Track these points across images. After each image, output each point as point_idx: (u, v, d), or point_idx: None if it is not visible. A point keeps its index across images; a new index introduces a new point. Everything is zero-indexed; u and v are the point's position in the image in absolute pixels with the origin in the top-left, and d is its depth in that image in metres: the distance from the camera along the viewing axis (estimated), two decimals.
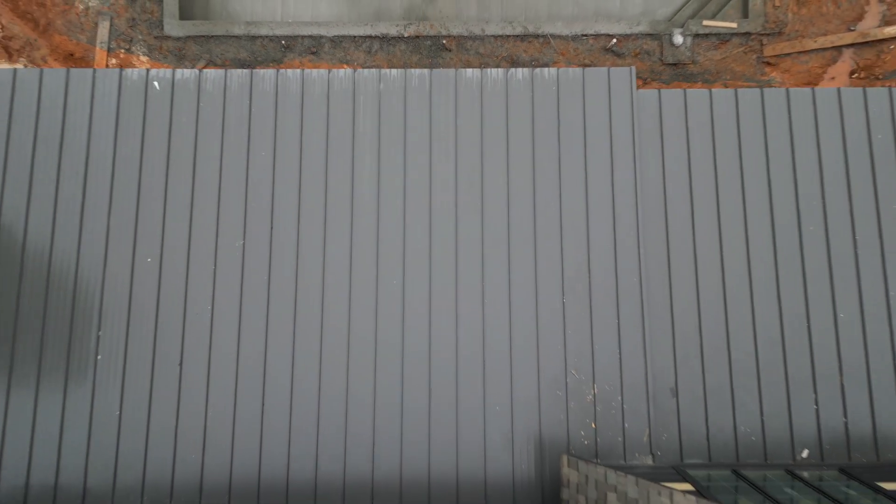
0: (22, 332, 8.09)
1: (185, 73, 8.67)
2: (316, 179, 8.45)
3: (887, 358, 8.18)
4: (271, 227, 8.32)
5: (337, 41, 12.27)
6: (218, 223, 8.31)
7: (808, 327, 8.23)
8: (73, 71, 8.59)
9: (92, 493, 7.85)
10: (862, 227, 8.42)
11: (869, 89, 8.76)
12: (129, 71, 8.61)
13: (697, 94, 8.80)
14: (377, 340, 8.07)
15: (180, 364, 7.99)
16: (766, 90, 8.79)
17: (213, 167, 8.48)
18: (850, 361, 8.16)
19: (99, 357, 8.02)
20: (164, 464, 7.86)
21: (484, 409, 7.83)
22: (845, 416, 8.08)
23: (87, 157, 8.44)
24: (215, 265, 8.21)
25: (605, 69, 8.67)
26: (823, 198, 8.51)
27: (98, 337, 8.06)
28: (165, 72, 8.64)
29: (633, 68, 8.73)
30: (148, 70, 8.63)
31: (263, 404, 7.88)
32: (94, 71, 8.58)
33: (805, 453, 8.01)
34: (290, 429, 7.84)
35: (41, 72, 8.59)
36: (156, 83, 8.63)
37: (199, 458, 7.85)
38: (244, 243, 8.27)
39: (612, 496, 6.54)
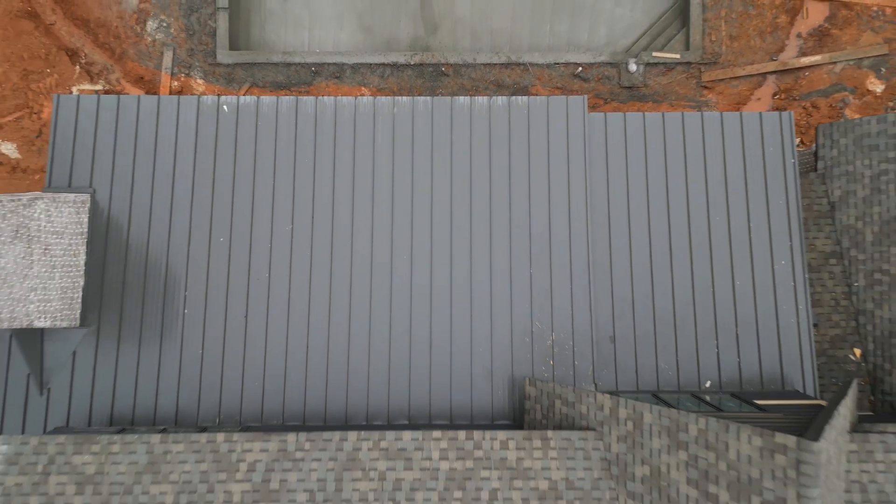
0: (127, 296, 10.89)
1: (247, 99, 11.48)
2: (345, 180, 11.26)
3: (771, 315, 11.00)
4: (312, 216, 11.13)
5: (356, 67, 15.09)
6: (273, 212, 11.12)
7: (713, 292, 11.05)
8: (163, 98, 11.39)
9: (181, 414, 10.65)
10: (755, 218, 11.24)
11: (764, 113, 11.57)
12: (204, 98, 11.42)
13: (634, 116, 11.61)
14: (391, 304, 10.87)
15: (245, 316, 10.80)
16: (687, 115, 11.60)
17: (267, 171, 11.29)
18: (743, 317, 10.99)
19: (185, 311, 10.84)
20: (234, 392, 10.67)
21: (471, 351, 10.65)
22: (738, 356, 10.90)
23: (174, 164, 11.24)
24: (271, 243, 11.02)
25: (564, 98, 11.49)
26: (727, 195, 11.32)
27: (185, 297, 10.87)
28: (232, 98, 11.44)
29: (586, 97, 11.55)
30: (219, 96, 11.44)
31: (308, 346, 10.69)
32: (179, 98, 11.39)
33: (708, 384, 10.84)
34: (327, 364, 10.65)
35: (139, 98, 11.40)
36: (225, 107, 11.44)
37: (260, 387, 10.66)
38: (292, 227, 11.08)
39: (557, 402, 9.38)
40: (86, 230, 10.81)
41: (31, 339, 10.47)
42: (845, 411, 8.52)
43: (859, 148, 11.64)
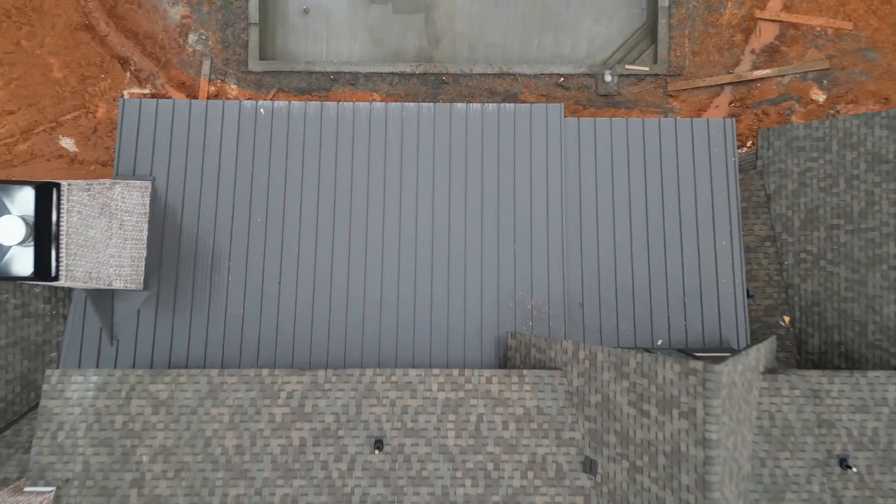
0: (181, 266, 13.18)
1: (280, 104, 13.79)
2: (362, 171, 13.56)
3: (713, 287, 13.31)
4: (334, 201, 13.44)
5: (368, 76, 17.40)
6: (301, 197, 13.42)
7: (665, 267, 13.35)
8: (210, 102, 13.70)
9: (226, 362, 12.94)
10: (701, 206, 13.54)
11: (711, 120, 13.87)
12: (244, 102, 13.73)
13: (602, 121, 13.91)
14: (399, 273, 13.16)
15: (279, 282, 13.11)
16: (647, 120, 13.90)
17: (297, 163, 13.59)
18: (689, 288, 13.30)
19: (229, 278, 13.14)
20: (269, 342, 12.97)
21: (464, 312, 12.96)
22: (685, 320, 13.20)
23: (219, 157, 13.54)
24: (300, 223, 13.33)
25: (544, 105, 13.80)
26: (679, 187, 13.63)
27: (229, 267, 13.17)
28: (267, 102, 13.75)
29: (563, 105, 13.87)
30: (257, 101, 13.75)
31: (330, 306, 12.99)
32: (223, 102, 13.70)
33: (660, 342, 13.16)
34: (346, 320, 12.95)
35: (190, 102, 13.70)
36: (262, 110, 13.75)
37: (290, 338, 12.95)
38: (318, 210, 13.39)
39: (533, 350, 11.70)
40: (148, 210, 13.12)
41: (103, 300, 12.78)
42: (756, 355, 10.86)
43: (790, 149, 13.97)
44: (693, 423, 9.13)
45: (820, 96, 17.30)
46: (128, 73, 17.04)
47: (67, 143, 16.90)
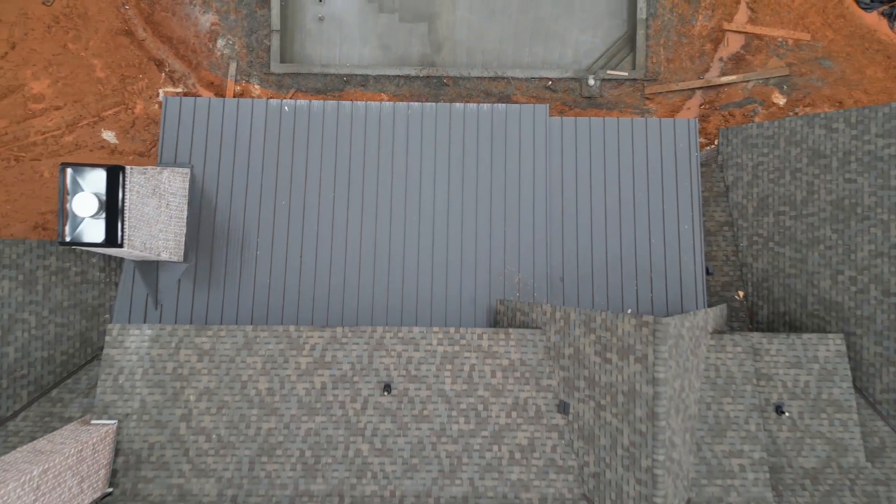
0: (216, 243, 15.22)
1: (301, 102, 15.84)
2: (373, 161, 15.61)
3: (676, 264, 15.35)
4: (348, 186, 15.48)
5: (377, 78, 19.45)
6: (320, 183, 15.46)
7: (635, 247, 15.40)
8: (241, 100, 15.75)
9: (255, 321, 14.98)
10: (667, 194, 15.58)
11: (677, 120, 15.91)
12: (271, 101, 15.78)
13: (583, 120, 15.96)
14: (404, 248, 15.20)
15: (300, 256, 15.16)
16: (622, 120, 15.94)
17: (316, 153, 15.63)
18: (656, 265, 15.34)
19: (258, 253, 15.19)
20: (292, 307, 15.00)
21: (461, 283, 15.01)
22: (651, 293, 15.24)
23: (249, 148, 15.58)
24: (319, 205, 15.37)
25: (532, 106, 15.85)
26: (648, 177, 15.67)
27: (257, 243, 15.22)
28: (290, 101, 15.80)
29: (548, 105, 15.92)
30: (281, 100, 15.80)
31: (345, 277, 15.03)
32: (252, 101, 15.75)
33: (629, 311, 15.21)
34: (358, 288, 14.99)
35: (223, 100, 15.75)
36: (286, 108, 15.80)
37: (310, 304, 15.00)
38: (334, 195, 15.44)
39: (518, 313, 13.76)
40: (187, 193, 15.16)
41: (149, 270, 14.84)
42: (704, 317, 12.93)
43: (745, 146, 16.03)
44: (645, 366, 11.19)
45: (781, 100, 19.36)
46: (163, 74, 19.09)
47: (108, 136, 18.94)
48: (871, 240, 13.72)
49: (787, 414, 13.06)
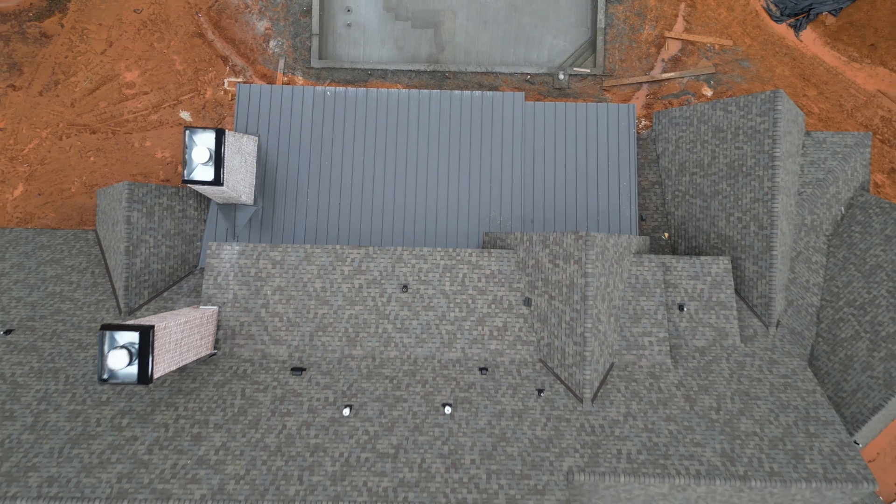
0: (277, 193, 20.64)
1: (339, 89, 21.27)
2: (392, 132, 21.03)
3: (616, 212, 20.76)
4: (374, 151, 20.88)
5: (394, 72, 24.88)
6: (353, 148, 20.88)
7: (586, 200, 20.81)
8: (295, 87, 21.16)
9: (309, 243, 20.40)
10: (612, 160, 21.00)
11: (620, 105, 21.31)
12: (318, 88, 21.20)
13: (551, 105, 21.37)
14: (416, 197, 20.62)
15: (339, 202, 20.59)
16: (579, 105, 21.32)
17: (350, 127, 21.05)
18: (601, 212, 20.75)
19: (307, 200, 20.61)
20: (334, 235, 20.41)
21: (457, 222, 20.46)
22: (597, 231, 20.66)
23: (301, 122, 21.00)
24: (352, 165, 20.79)
25: (512, 94, 21.27)
26: (597, 147, 21.09)
27: (307, 193, 20.65)
28: (331, 88, 21.20)
29: (524, 94, 21.34)
30: (326, 87, 21.20)
31: (372, 214, 20.46)
32: (303, 87, 21.17)
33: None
34: (382, 221, 20.42)
35: (282, 88, 21.16)
36: (328, 92, 21.23)
37: (346, 235, 20.42)
38: (363, 157, 20.85)
39: (497, 241, 19.21)
40: (256, 154, 20.59)
41: (228, 210, 20.26)
42: (627, 240, 18.36)
43: (670, 124, 21.45)
44: (580, 265, 16.63)
45: (709, 92, 24.78)
46: (227, 67, 24.50)
47: (185, 115, 24.37)
48: (752, 190, 19.16)
49: (685, 310, 18.49)
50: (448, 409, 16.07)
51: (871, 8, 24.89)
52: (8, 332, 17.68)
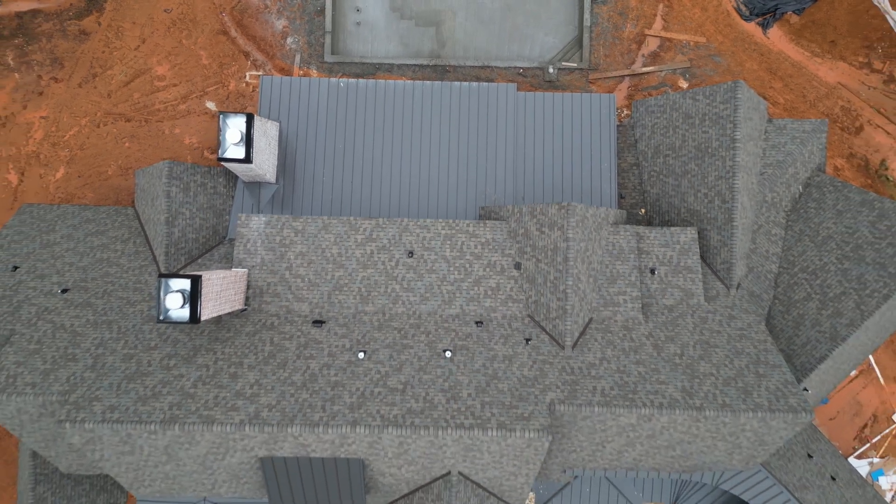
0: (297, 172, 23.23)
1: (351, 80, 23.86)
2: (399, 119, 23.61)
3: (598, 189, 23.37)
4: (383, 136, 23.48)
5: (399, 66, 27.47)
6: (364, 133, 23.48)
7: (571, 178, 23.39)
8: (312, 79, 23.76)
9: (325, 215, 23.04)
10: (594, 145, 23.57)
11: (602, 95, 23.89)
12: (332, 79, 23.79)
13: (540, 95, 23.94)
14: (420, 175, 23.22)
15: (351, 181, 23.19)
16: (565, 95, 23.89)
17: (361, 114, 23.64)
18: (584, 189, 23.34)
19: (324, 179, 23.20)
20: (347, 208, 23.03)
21: (457, 197, 23.05)
22: None
23: (317, 110, 23.59)
24: (363, 147, 23.39)
25: (505, 85, 23.86)
26: (581, 132, 23.66)
27: (323, 173, 23.24)
28: (343, 79, 23.79)
29: (516, 84, 23.93)
30: (339, 79, 23.79)
31: (381, 190, 23.05)
32: (319, 79, 23.76)
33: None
34: (389, 195, 23.02)
35: (300, 80, 23.75)
36: (341, 83, 23.83)
37: (360, 207, 23.02)
38: (373, 141, 23.45)
39: (492, 214, 21.81)
40: (277, 138, 23.17)
41: (253, 187, 22.86)
42: (605, 212, 20.97)
43: (647, 112, 24.03)
44: (562, 231, 19.23)
45: (684, 84, 27.37)
46: (249, 62, 27.11)
47: (210, 105, 26.98)
48: (716, 169, 21.75)
49: (656, 273, 21.09)
50: (448, 354, 18.69)
51: (830, 8, 27.49)
52: (64, 290, 20.29)
